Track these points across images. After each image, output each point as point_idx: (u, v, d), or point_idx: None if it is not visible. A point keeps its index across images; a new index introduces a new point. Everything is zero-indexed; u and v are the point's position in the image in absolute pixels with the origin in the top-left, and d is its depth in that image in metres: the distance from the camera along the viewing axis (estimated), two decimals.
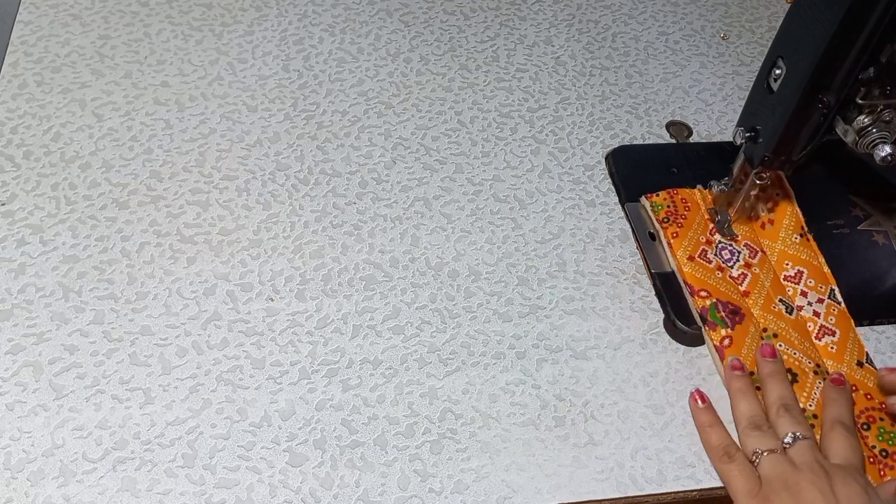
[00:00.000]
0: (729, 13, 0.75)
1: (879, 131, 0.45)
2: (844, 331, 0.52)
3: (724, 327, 0.51)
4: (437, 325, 0.52)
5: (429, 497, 0.45)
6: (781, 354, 0.50)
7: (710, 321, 0.51)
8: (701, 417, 0.48)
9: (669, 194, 0.58)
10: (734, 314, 0.52)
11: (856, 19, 0.41)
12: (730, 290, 0.53)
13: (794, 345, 0.51)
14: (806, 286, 0.54)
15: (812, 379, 0.49)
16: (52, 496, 0.43)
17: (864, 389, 0.50)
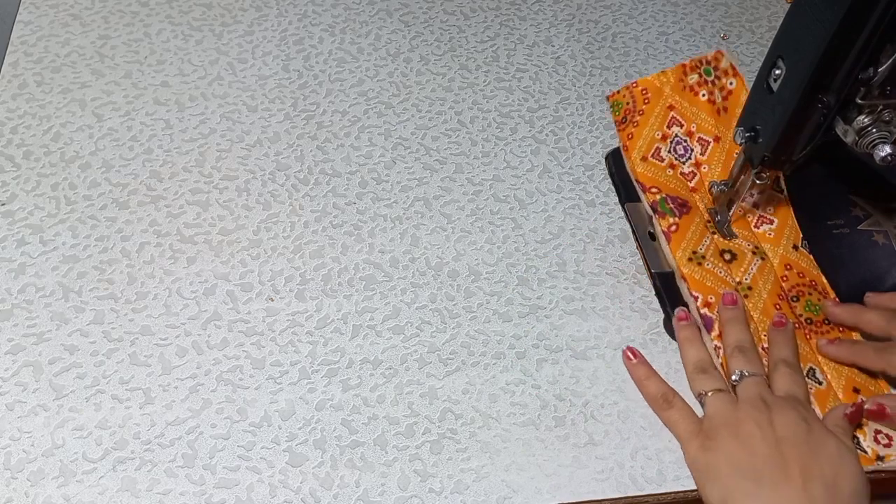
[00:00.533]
0: (729, 13, 0.75)
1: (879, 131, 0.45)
2: (783, 219, 0.57)
3: (672, 216, 0.55)
4: (437, 325, 0.52)
5: (429, 497, 0.45)
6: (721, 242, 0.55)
7: (660, 211, 0.56)
8: (636, 372, 0.50)
9: (629, 88, 0.60)
10: (682, 206, 0.56)
11: (856, 19, 0.41)
12: (679, 187, 0.58)
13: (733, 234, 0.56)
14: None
15: (749, 258, 0.54)
16: (52, 496, 0.43)
17: (797, 269, 0.54)
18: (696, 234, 0.54)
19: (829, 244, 0.57)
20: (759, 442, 0.43)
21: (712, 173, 0.58)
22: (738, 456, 0.43)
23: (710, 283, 0.52)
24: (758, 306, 0.52)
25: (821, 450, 0.42)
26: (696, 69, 0.60)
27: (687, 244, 0.54)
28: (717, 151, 0.59)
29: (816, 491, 0.41)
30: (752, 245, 0.54)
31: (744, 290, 0.53)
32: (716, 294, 0.51)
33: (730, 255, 0.54)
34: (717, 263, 0.54)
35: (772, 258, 0.55)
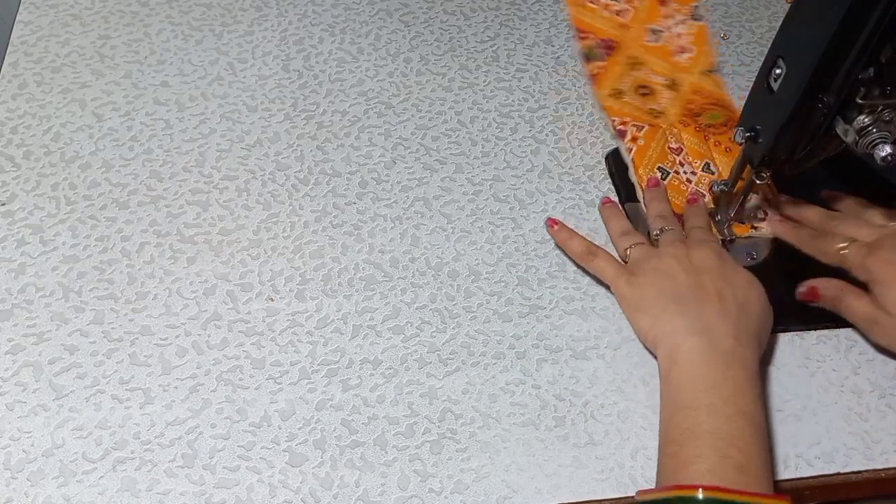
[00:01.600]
0: (729, 13, 0.75)
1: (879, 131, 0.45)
2: (700, 45, 0.64)
3: (599, 60, 0.63)
4: (437, 325, 0.52)
5: (429, 497, 0.45)
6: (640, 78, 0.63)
7: (590, 57, 0.63)
8: (559, 236, 0.55)
9: None
10: (609, 48, 0.64)
11: (856, 19, 0.41)
12: (611, 27, 0.65)
13: (654, 69, 0.64)
14: (672, 8, 0.65)
15: (662, 92, 0.62)
16: (52, 496, 0.43)
17: (703, 92, 0.62)
18: (619, 72, 0.63)
19: None
20: (679, 272, 0.48)
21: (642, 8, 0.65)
22: (661, 284, 0.48)
23: (626, 110, 0.61)
24: (665, 121, 0.61)
25: (733, 278, 0.48)
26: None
27: (610, 82, 0.62)
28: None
29: (731, 309, 0.46)
30: (666, 79, 0.63)
31: (655, 114, 0.61)
32: (631, 117, 0.60)
33: (646, 90, 0.62)
34: (635, 97, 0.62)
35: (682, 86, 0.63)
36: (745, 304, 0.47)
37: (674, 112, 0.61)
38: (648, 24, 0.65)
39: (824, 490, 0.47)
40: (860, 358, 0.52)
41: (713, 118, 0.61)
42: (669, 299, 0.47)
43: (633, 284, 0.49)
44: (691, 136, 0.60)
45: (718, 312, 0.46)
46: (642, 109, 0.61)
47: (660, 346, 0.46)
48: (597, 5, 0.66)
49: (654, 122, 0.60)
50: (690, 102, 0.62)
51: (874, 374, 0.51)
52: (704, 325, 0.45)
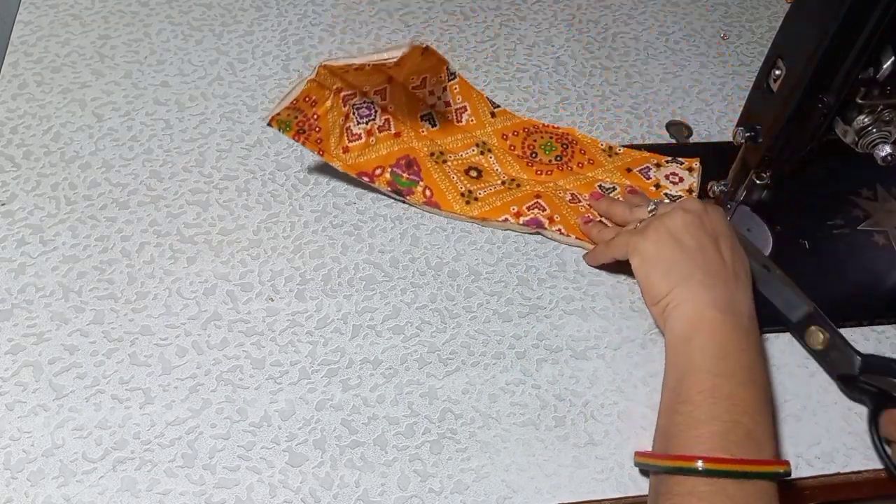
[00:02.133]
0: (729, 13, 0.75)
1: (879, 131, 0.45)
2: (469, 99, 0.60)
3: (415, 184, 0.57)
4: (437, 325, 0.52)
5: (429, 497, 0.45)
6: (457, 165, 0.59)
7: (404, 188, 0.57)
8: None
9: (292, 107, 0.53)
10: (410, 167, 0.58)
11: (856, 19, 0.41)
12: (390, 147, 0.58)
13: (454, 149, 0.60)
14: (429, 84, 0.59)
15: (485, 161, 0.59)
16: (52, 496, 0.43)
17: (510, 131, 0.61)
18: (444, 178, 0.58)
19: (829, 244, 0.57)
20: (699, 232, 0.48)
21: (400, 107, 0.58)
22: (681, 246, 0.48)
23: (499, 203, 0.57)
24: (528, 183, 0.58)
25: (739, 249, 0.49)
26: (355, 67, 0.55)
27: (450, 195, 0.57)
28: (395, 88, 0.58)
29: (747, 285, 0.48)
30: (474, 146, 0.60)
31: (510, 184, 0.58)
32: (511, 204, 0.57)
33: (476, 172, 0.59)
34: (480, 185, 0.58)
35: (489, 141, 0.60)
36: (748, 277, 0.49)
37: (515, 168, 0.59)
38: (416, 115, 0.59)
39: (824, 490, 0.47)
40: None
41: (549, 149, 0.60)
42: (696, 267, 0.47)
43: (653, 242, 0.48)
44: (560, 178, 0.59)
45: (737, 289, 0.47)
46: (502, 190, 0.58)
47: (678, 310, 0.46)
48: (359, 140, 0.57)
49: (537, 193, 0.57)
50: (511, 148, 0.60)
51: None
52: (729, 302, 0.46)
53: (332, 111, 0.56)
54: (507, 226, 0.56)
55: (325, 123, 0.56)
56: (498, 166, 0.59)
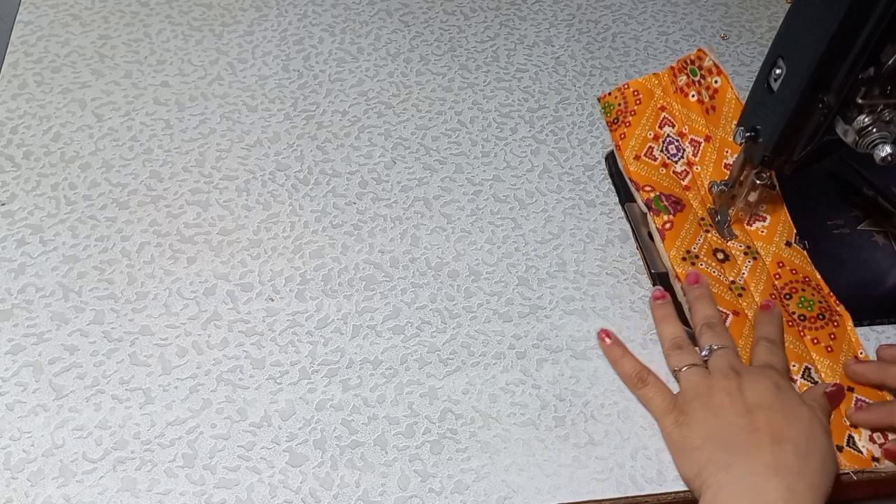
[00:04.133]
0: (729, 13, 0.75)
1: (879, 131, 0.45)
2: (776, 215, 0.57)
3: (667, 213, 0.56)
4: (437, 325, 0.52)
5: (429, 497, 0.45)
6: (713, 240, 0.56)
7: (655, 208, 0.56)
8: (612, 352, 0.50)
9: (621, 90, 0.62)
10: (676, 204, 0.57)
11: (856, 19, 0.41)
12: (672, 185, 0.58)
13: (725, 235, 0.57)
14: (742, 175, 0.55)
15: (742, 259, 0.55)
16: (52, 496, 0.43)
17: (789, 265, 0.55)
18: (690, 232, 0.55)
19: (829, 244, 0.57)
20: (729, 411, 0.43)
21: (705, 173, 0.59)
22: (709, 427, 0.44)
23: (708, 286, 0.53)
24: (752, 305, 0.53)
25: (792, 415, 0.43)
26: (683, 70, 0.61)
27: (681, 242, 0.55)
28: (709, 151, 0.59)
29: (787, 458, 0.41)
30: (745, 245, 0.56)
31: (737, 289, 0.54)
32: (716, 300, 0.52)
33: (723, 255, 0.55)
34: (711, 263, 0.54)
35: (764, 256, 0.55)
36: (805, 451, 0.42)
37: (759, 288, 0.53)
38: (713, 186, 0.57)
39: None
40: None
41: (806, 305, 0.52)
42: (717, 447, 0.43)
43: (680, 424, 0.45)
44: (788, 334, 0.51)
45: (769, 465, 0.41)
46: (721, 282, 0.53)
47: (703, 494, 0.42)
48: (654, 161, 0.59)
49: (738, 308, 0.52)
50: (776, 276, 0.54)
51: None
52: (751, 485, 0.40)
53: (647, 121, 0.60)
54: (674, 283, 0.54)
55: (635, 123, 0.60)
56: (746, 271, 0.54)
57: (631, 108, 0.61)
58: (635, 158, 0.59)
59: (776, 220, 0.57)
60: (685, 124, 0.60)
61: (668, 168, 0.59)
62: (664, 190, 0.57)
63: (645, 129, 0.60)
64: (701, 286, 0.52)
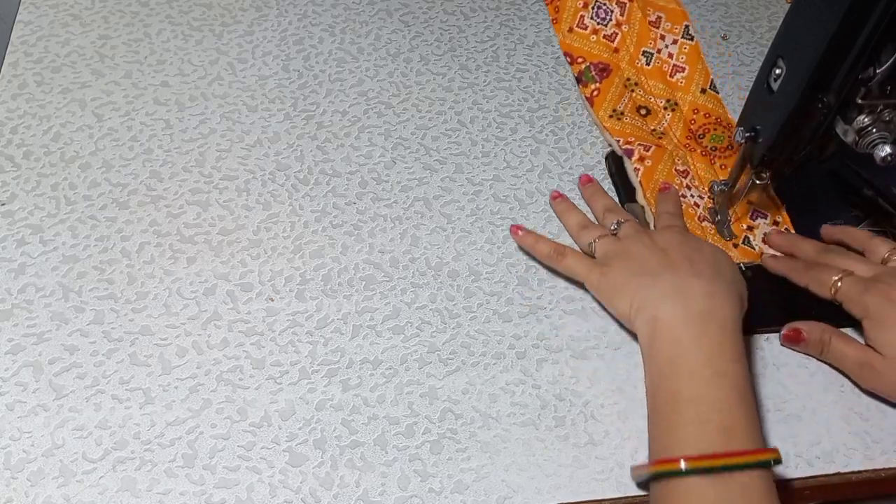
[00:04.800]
0: (729, 13, 0.75)
1: (879, 131, 0.45)
2: (693, 64, 0.64)
3: (594, 82, 0.64)
4: (437, 325, 0.52)
5: (429, 497, 0.45)
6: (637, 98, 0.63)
7: (584, 80, 0.64)
8: (527, 240, 0.54)
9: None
10: (603, 71, 0.64)
11: (856, 19, 0.41)
12: (602, 51, 0.66)
13: (649, 90, 0.64)
14: (664, 30, 0.66)
15: (662, 113, 0.63)
16: (52, 496, 0.43)
17: (703, 111, 0.63)
18: (616, 94, 0.63)
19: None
20: (647, 254, 0.49)
21: (632, 32, 0.65)
22: (632, 268, 0.48)
23: (629, 131, 0.61)
24: (672, 142, 0.61)
25: (700, 249, 0.49)
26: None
27: (608, 105, 0.63)
28: (634, 10, 0.66)
29: (704, 269, 0.46)
30: (665, 100, 0.63)
31: (657, 135, 0.61)
32: (635, 136, 0.60)
33: (645, 111, 0.63)
34: (635, 117, 0.63)
35: (682, 105, 0.63)
36: (716, 267, 0.47)
37: (676, 133, 0.61)
38: (640, 48, 0.65)
39: (824, 490, 0.47)
40: None
41: (717, 140, 0.61)
42: (643, 275, 0.47)
43: (604, 274, 0.50)
44: (698, 160, 0.60)
45: (689, 272, 0.46)
46: (644, 130, 0.62)
47: (639, 322, 0.46)
48: (585, 30, 0.66)
49: (659, 143, 0.60)
50: (692, 122, 0.62)
51: None
52: (676, 288, 0.45)
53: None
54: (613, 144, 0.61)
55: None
56: (666, 123, 0.62)
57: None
58: (569, 31, 0.66)
59: (693, 70, 0.64)
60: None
61: (598, 34, 0.66)
62: (594, 59, 0.65)
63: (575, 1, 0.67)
64: (593, 184, 0.58)
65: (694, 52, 0.65)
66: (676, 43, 0.65)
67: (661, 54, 0.65)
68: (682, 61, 0.64)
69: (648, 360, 0.45)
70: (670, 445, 0.41)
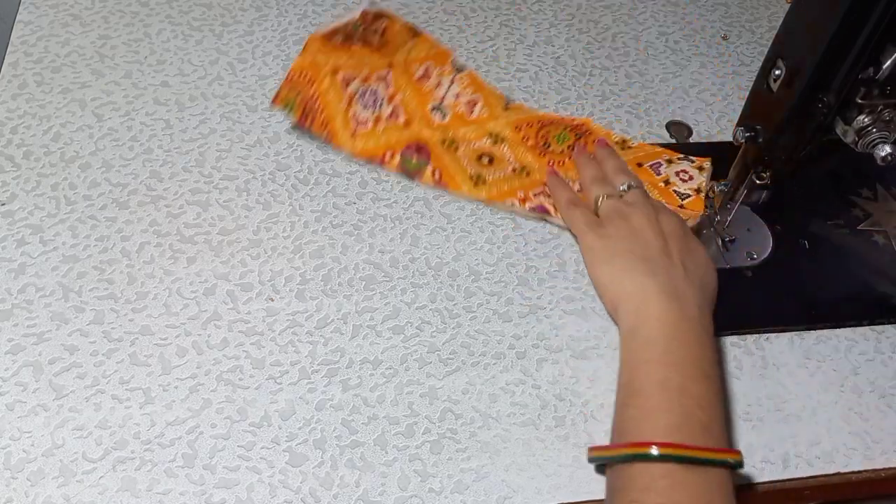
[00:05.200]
0: (729, 13, 0.75)
1: (879, 131, 0.45)
2: (482, 91, 0.61)
3: (426, 165, 0.58)
4: (437, 325, 0.52)
5: (429, 497, 0.45)
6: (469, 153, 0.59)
7: (414, 171, 0.58)
8: (551, 182, 0.56)
9: (288, 82, 0.56)
10: (420, 151, 0.58)
11: (856, 19, 0.41)
12: (399, 135, 0.59)
13: (466, 138, 0.59)
14: (434, 75, 0.61)
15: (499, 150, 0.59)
16: (52, 496, 0.43)
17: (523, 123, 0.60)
18: (452, 162, 0.58)
19: (829, 244, 0.57)
20: (648, 232, 0.49)
21: (408, 94, 0.60)
22: (630, 241, 0.49)
23: (507, 188, 0.57)
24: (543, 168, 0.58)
25: (695, 253, 0.49)
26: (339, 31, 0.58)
27: (461, 177, 0.57)
28: (398, 75, 0.60)
29: (695, 280, 0.47)
30: (486, 138, 0.59)
31: (521, 172, 0.58)
32: (519, 189, 0.57)
33: (487, 159, 0.58)
34: (490, 170, 0.58)
35: (503, 132, 0.60)
36: (703, 278, 0.48)
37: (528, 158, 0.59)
38: (425, 106, 0.60)
39: (824, 490, 0.47)
40: (860, 358, 0.52)
41: (562, 139, 0.59)
42: (639, 258, 0.47)
43: (602, 237, 0.50)
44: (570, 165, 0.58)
45: (685, 279, 0.47)
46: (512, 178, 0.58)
47: (624, 301, 0.46)
48: (366, 126, 0.58)
49: (537, 181, 0.57)
50: (526, 141, 0.59)
51: (874, 374, 0.51)
52: (675, 290, 0.46)
53: (331, 92, 0.56)
54: (513, 210, 0.57)
55: (326, 103, 0.56)
56: (510, 154, 0.59)
57: (308, 92, 0.57)
58: (352, 136, 0.58)
59: (486, 96, 0.61)
60: (363, 68, 0.58)
61: (380, 122, 0.58)
62: (400, 146, 0.58)
63: (336, 102, 0.58)
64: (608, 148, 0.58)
65: (474, 80, 0.62)
66: (454, 82, 0.61)
67: (446, 101, 0.61)
68: (469, 94, 0.61)
69: (631, 342, 0.45)
70: (651, 426, 0.41)
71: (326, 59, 0.56)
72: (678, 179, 0.58)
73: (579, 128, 0.61)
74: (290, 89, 0.56)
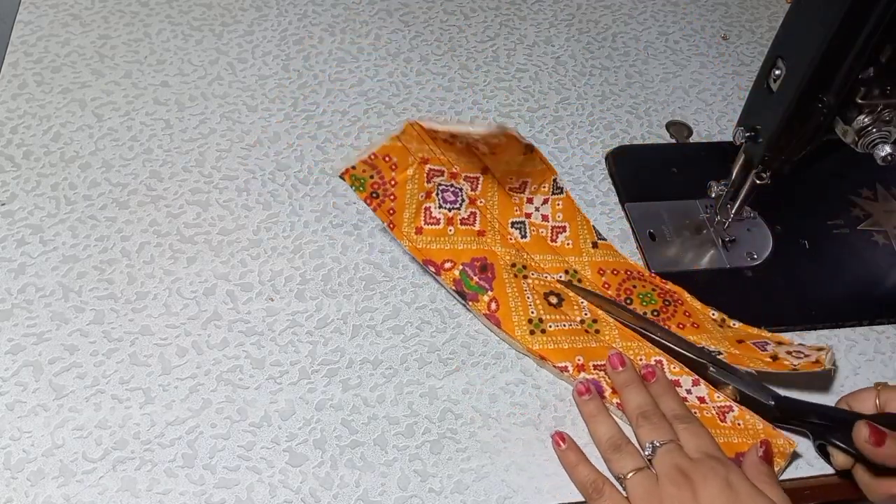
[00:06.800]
0: (729, 13, 0.75)
1: (879, 131, 0.45)
2: (572, 220, 0.54)
3: (483, 292, 0.51)
4: (437, 325, 0.52)
5: (429, 497, 0.45)
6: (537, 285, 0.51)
7: (470, 292, 0.51)
8: (567, 458, 0.46)
9: (367, 162, 0.50)
10: (483, 270, 0.52)
11: (856, 19, 0.41)
12: (468, 244, 0.52)
13: (540, 268, 0.53)
14: (529, 190, 0.54)
15: (571, 294, 0.52)
16: (52, 496, 0.43)
17: (608, 268, 0.53)
18: (517, 295, 0.51)
19: (829, 244, 0.57)
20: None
21: (490, 205, 0.53)
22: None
23: (566, 346, 0.50)
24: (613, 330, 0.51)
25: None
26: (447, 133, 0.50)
27: (518, 317, 0.50)
28: (489, 182, 0.53)
29: None
30: (562, 274, 0.52)
31: (590, 325, 0.51)
32: (579, 353, 0.49)
33: (556, 299, 0.51)
34: (554, 317, 0.51)
35: (582, 271, 0.53)
36: None
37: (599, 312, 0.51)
38: (507, 220, 0.53)
39: (824, 490, 0.47)
40: (860, 358, 0.52)
41: (648, 300, 0.52)
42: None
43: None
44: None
45: None
46: (576, 331, 0.50)
47: None
48: (437, 224, 0.52)
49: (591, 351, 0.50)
50: (605, 286, 0.52)
51: (874, 374, 0.51)
52: None
53: (413, 181, 0.51)
54: (562, 377, 0.49)
55: (401, 193, 0.51)
56: (584, 302, 0.51)
57: (388, 177, 0.51)
58: (417, 233, 0.52)
59: (575, 226, 0.54)
60: (454, 165, 0.52)
61: (454, 222, 0.52)
62: (464, 258, 0.52)
63: (414, 193, 0.52)
64: (628, 369, 0.48)
65: (569, 205, 0.54)
66: (547, 202, 0.53)
67: (532, 218, 0.54)
68: (559, 220, 0.54)
69: None
70: None
71: (419, 149, 0.51)
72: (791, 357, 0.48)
73: (670, 294, 0.53)
74: (365, 169, 0.50)
